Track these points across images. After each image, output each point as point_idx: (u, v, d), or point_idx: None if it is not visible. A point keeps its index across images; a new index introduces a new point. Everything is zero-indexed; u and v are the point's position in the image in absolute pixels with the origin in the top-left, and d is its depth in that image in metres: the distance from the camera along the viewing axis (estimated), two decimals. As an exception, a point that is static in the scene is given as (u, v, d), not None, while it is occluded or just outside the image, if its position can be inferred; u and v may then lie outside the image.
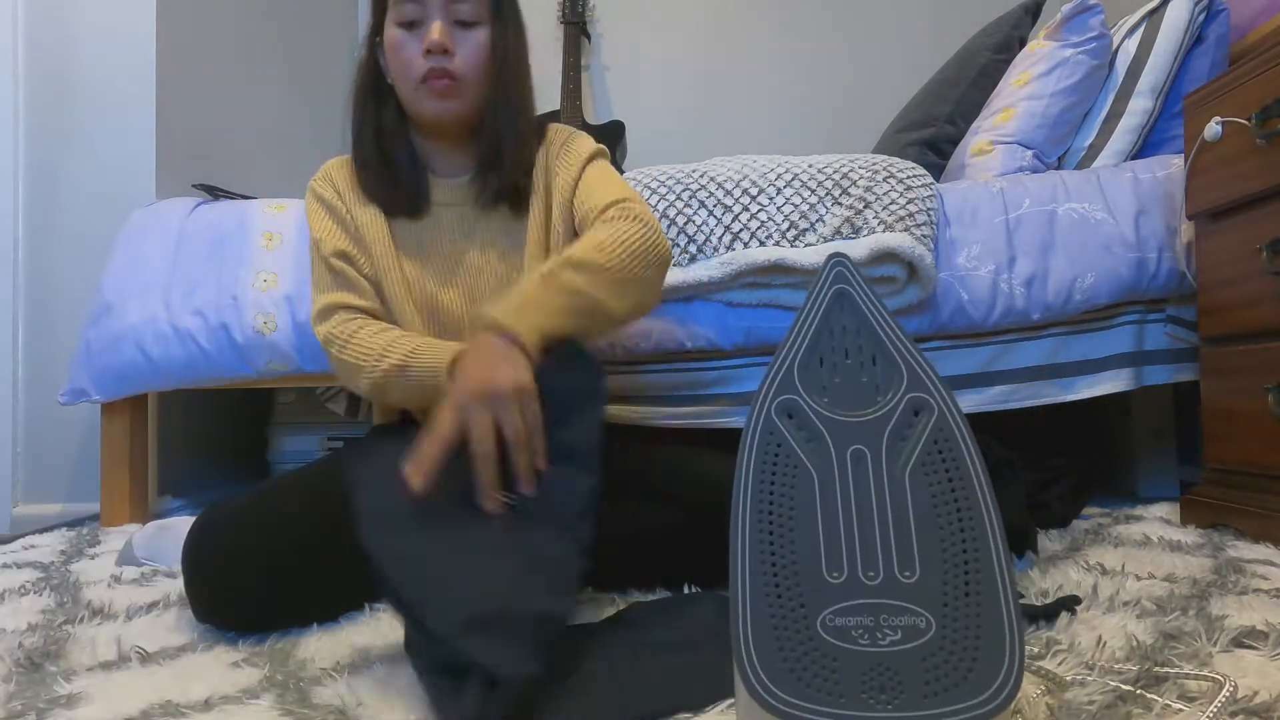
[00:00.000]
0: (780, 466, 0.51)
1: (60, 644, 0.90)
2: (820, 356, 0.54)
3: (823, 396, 0.53)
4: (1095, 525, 1.43)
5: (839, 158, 1.63)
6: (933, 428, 0.52)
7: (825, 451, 0.52)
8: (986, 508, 0.51)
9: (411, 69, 1.08)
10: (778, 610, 0.48)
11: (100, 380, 1.67)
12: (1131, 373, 1.59)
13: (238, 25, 2.41)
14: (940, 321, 1.57)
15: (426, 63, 1.06)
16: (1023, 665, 0.47)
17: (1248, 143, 1.29)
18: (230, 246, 1.70)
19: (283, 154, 2.62)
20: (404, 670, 0.79)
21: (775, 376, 0.54)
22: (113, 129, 1.99)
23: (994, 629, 0.47)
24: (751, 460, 0.52)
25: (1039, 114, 1.78)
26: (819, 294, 0.56)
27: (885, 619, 0.47)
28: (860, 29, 3.09)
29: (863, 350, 0.54)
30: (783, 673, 0.46)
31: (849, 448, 0.52)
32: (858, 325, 0.55)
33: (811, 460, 0.52)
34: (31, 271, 1.97)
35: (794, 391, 0.53)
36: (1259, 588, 0.99)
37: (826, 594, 0.48)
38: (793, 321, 0.56)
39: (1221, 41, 1.77)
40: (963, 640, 0.47)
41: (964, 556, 0.49)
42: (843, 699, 0.45)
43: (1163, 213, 1.59)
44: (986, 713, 0.45)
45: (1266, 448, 1.27)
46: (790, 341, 0.55)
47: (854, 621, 0.47)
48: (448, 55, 1.07)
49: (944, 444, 0.52)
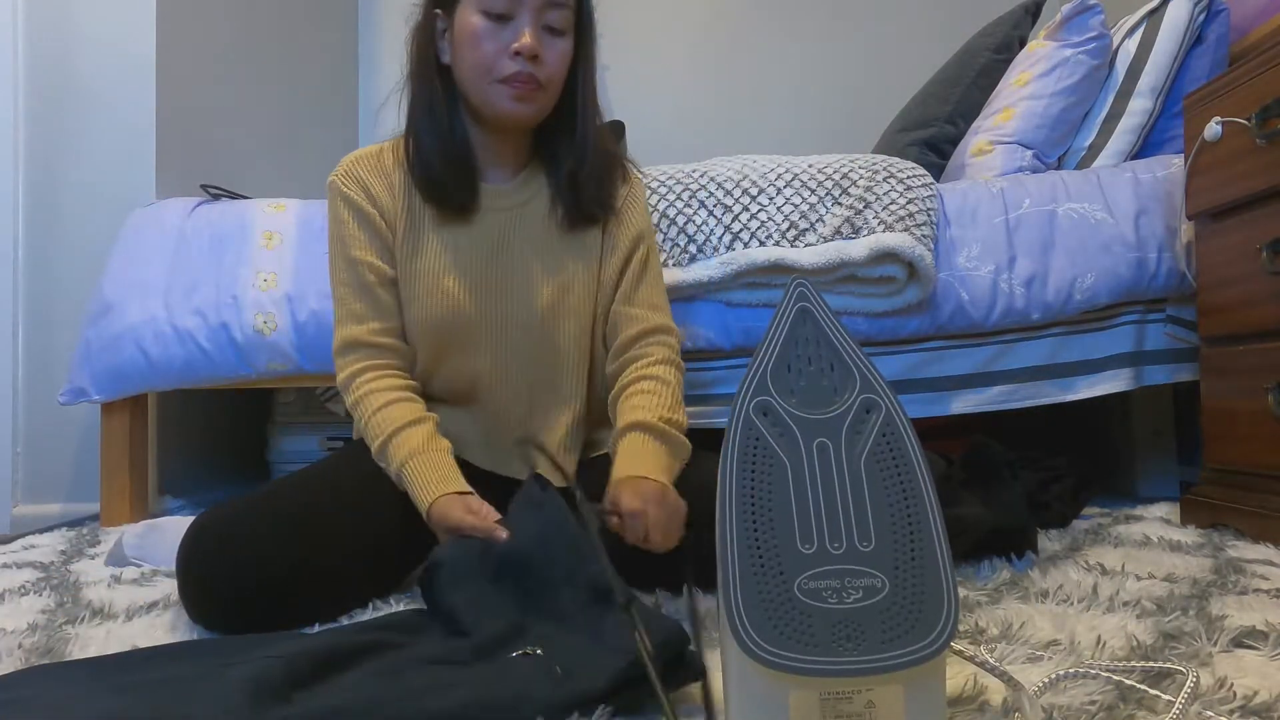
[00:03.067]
0: (759, 458, 0.62)
1: (60, 644, 0.90)
2: (788, 364, 0.65)
3: (792, 397, 0.64)
4: (1095, 525, 1.43)
5: (839, 158, 1.63)
6: (881, 423, 0.63)
7: (795, 444, 0.62)
8: (925, 487, 0.61)
9: (494, 64, 1.04)
10: (762, 578, 0.58)
11: (100, 380, 1.67)
12: (1131, 373, 1.59)
13: (238, 25, 2.41)
14: (940, 321, 1.57)
15: (514, 64, 1.04)
16: (958, 614, 0.57)
17: (1248, 143, 1.29)
18: (230, 246, 1.70)
19: (283, 154, 2.62)
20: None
21: (752, 381, 0.64)
22: (113, 129, 1.99)
23: (934, 585, 0.58)
24: (735, 453, 0.62)
25: (1039, 114, 1.78)
26: (785, 311, 0.67)
27: (849, 581, 0.58)
28: (860, 29, 3.09)
29: (823, 359, 0.65)
30: (768, 629, 0.56)
31: (815, 440, 0.63)
32: (818, 337, 0.66)
33: (784, 451, 0.62)
34: (31, 271, 1.97)
35: (768, 393, 0.64)
36: (1259, 588, 0.99)
37: (801, 562, 0.58)
38: (764, 334, 0.66)
39: (1221, 41, 1.77)
40: (911, 596, 0.57)
41: (909, 527, 0.60)
42: (818, 648, 0.55)
43: (1163, 213, 1.59)
44: (932, 652, 0.55)
45: (1266, 448, 1.27)
46: (763, 351, 0.65)
47: (824, 585, 0.58)
48: (537, 61, 1.05)
49: (891, 437, 0.63)
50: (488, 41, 1.04)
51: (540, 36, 1.05)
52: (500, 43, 1.04)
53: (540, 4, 1.04)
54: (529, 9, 1.04)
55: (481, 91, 1.06)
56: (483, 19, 1.04)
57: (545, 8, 1.05)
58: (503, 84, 1.05)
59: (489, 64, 1.05)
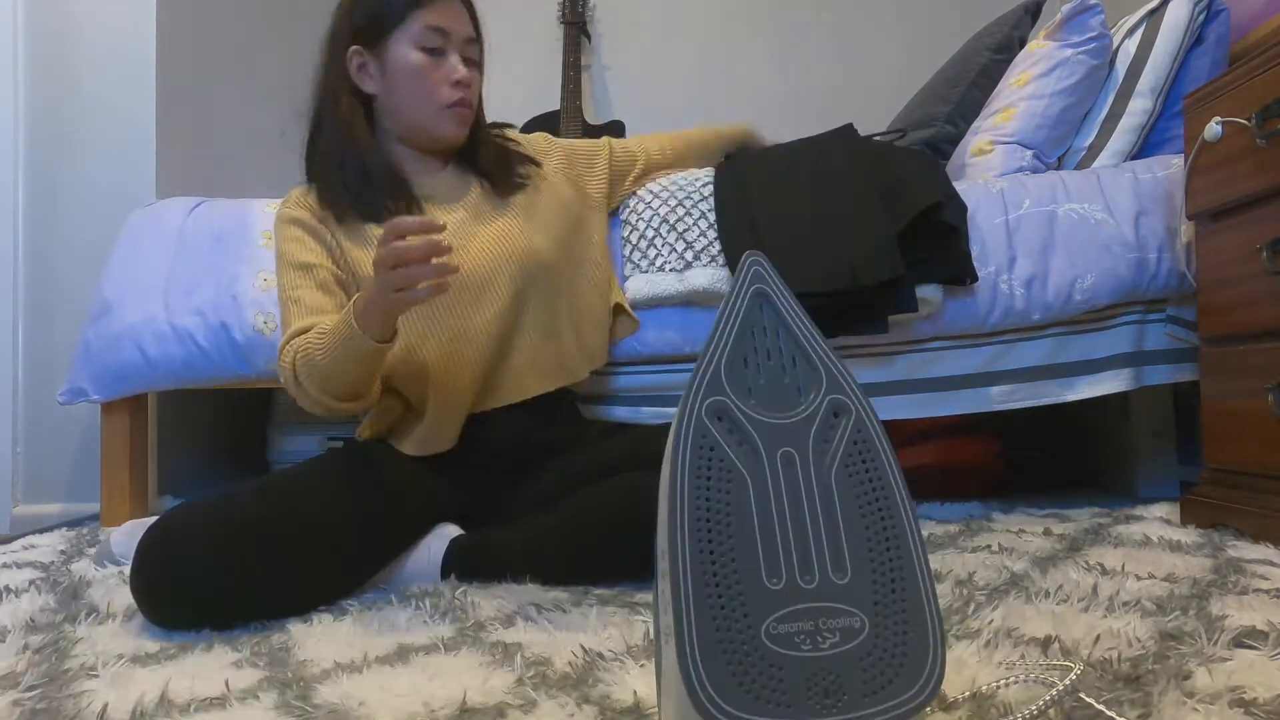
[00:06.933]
0: (714, 471, 0.50)
1: (60, 644, 0.90)
2: (744, 357, 0.54)
3: (750, 398, 0.53)
4: (1095, 525, 1.43)
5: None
6: (852, 429, 0.53)
7: (757, 454, 0.51)
8: (903, 503, 0.52)
9: (436, 94, 1.23)
10: (723, 622, 0.47)
11: (100, 380, 1.67)
12: (1131, 373, 1.59)
13: (238, 26, 2.41)
14: (940, 322, 1.57)
15: (455, 92, 1.24)
16: (945, 651, 0.49)
17: (1248, 143, 1.29)
18: (230, 246, 1.70)
19: (283, 154, 2.61)
20: (404, 670, 0.79)
21: (703, 377, 0.53)
22: (113, 129, 1.99)
23: (918, 620, 0.49)
24: (685, 463, 0.50)
25: (1039, 114, 1.78)
26: (738, 294, 0.55)
27: (824, 622, 0.48)
28: (860, 29, 3.09)
29: (783, 352, 0.54)
30: (731, 686, 0.46)
31: (779, 450, 0.52)
32: (777, 326, 0.55)
33: (744, 463, 0.51)
34: (31, 271, 1.97)
35: (722, 393, 0.52)
36: (1259, 588, 0.99)
37: (768, 601, 0.48)
38: (715, 321, 0.55)
39: (1221, 41, 1.77)
40: (893, 635, 0.48)
41: (888, 554, 0.50)
42: (790, 707, 0.46)
43: (1163, 213, 1.59)
44: (920, 703, 0.47)
45: (1266, 448, 1.27)
46: (714, 342, 0.54)
47: (795, 628, 0.48)
48: (469, 88, 1.25)
49: (863, 444, 0.52)
50: (429, 74, 1.23)
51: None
52: (439, 75, 1.23)
53: (463, 41, 1.25)
54: (455, 45, 1.24)
55: (426, 119, 1.25)
56: (423, 54, 1.22)
57: (467, 44, 1.26)
58: (449, 109, 1.24)
59: (432, 93, 1.23)
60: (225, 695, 0.74)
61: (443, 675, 0.77)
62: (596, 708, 0.67)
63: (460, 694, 0.72)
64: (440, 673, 0.78)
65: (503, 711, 0.68)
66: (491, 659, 0.81)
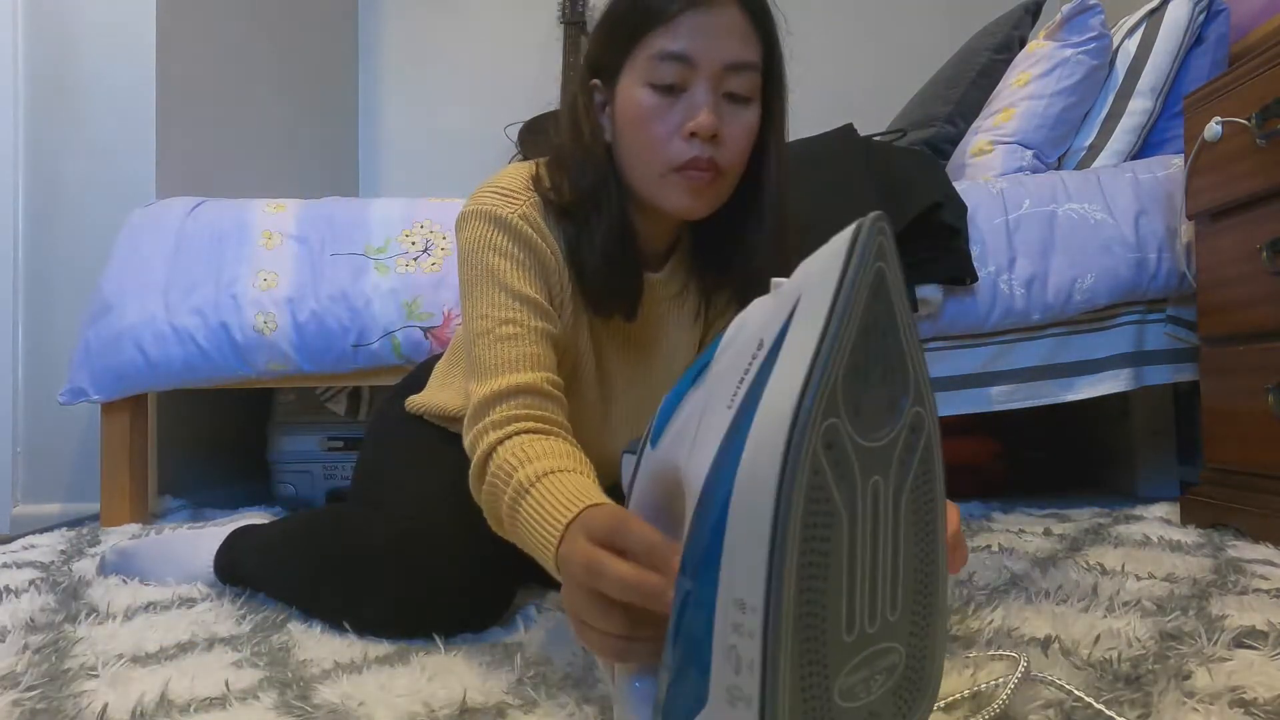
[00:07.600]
0: (819, 514, 0.40)
1: (60, 644, 0.90)
2: (862, 369, 0.41)
3: (857, 418, 0.40)
4: (1095, 525, 1.43)
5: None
6: (923, 448, 0.43)
7: (852, 488, 0.41)
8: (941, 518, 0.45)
9: (665, 149, 0.84)
10: (809, 688, 0.40)
11: (100, 380, 1.67)
12: (1131, 373, 1.59)
13: (238, 26, 2.40)
14: (940, 322, 1.58)
15: (689, 148, 0.83)
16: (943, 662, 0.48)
17: (1248, 143, 1.29)
18: (230, 245, 1.70)
19: (283, 154, 2.62)
20: (404, 670, 0.79)
21: (821, 392, 0.39)
22: (113, 129, 1.99)
23: (939, 641, 0.45)
24: (796, 510, 0.39)
25: (1039, 114, 1.78)
26: (859, 272, 0.40)
27: (876, 663, 0.43)
28: (859, 29, 3.09)
29: (890, 355, 0.41)
30: None
31: (870, 480, 0.41)
32: (891, 318, 0.41)
33: (843, 500, 0.40)
34: (31, 271, 1.97)
35: (837, 414, 0.40)
36: (1259, 588, 0.99)
37: (842, 656, 0.41)
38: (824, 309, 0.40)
39: (1221, 41, 1.77)
40: (920, 660, 0.44)
41: (926, 578, 0.44)
42: None
43: (1163, 213, 1.59)
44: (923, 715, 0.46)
45: (1266, 448, 1.27)
46: (830, 340, 0.39)
47: (857, 678, 0.42)
48: (716, 142, 0.84)
49: (929, 464, 0.44)
50: (658, 121, 0.84)
51: (720, 109, 0.84)
52: (672, 120, 0.83)
53: (719, 69, 0.83)
54: (705, 76, 0.83)
55: (650, 182, 0.86)
56: (652, 93, 0.84)
57: (726, 73, 0.83)
58: (677, 173, 0.84)
59: (660, 148, 0.84)
60: (225, 695, 0.74)
61: (443, 675, 0.77)
62: (596, 708, 0.68)
63: (460, 694, 0.72)
64: (440, 673, 0.78)
65: (503, 711, 0.68)
66: (491, 659, 0.81)
